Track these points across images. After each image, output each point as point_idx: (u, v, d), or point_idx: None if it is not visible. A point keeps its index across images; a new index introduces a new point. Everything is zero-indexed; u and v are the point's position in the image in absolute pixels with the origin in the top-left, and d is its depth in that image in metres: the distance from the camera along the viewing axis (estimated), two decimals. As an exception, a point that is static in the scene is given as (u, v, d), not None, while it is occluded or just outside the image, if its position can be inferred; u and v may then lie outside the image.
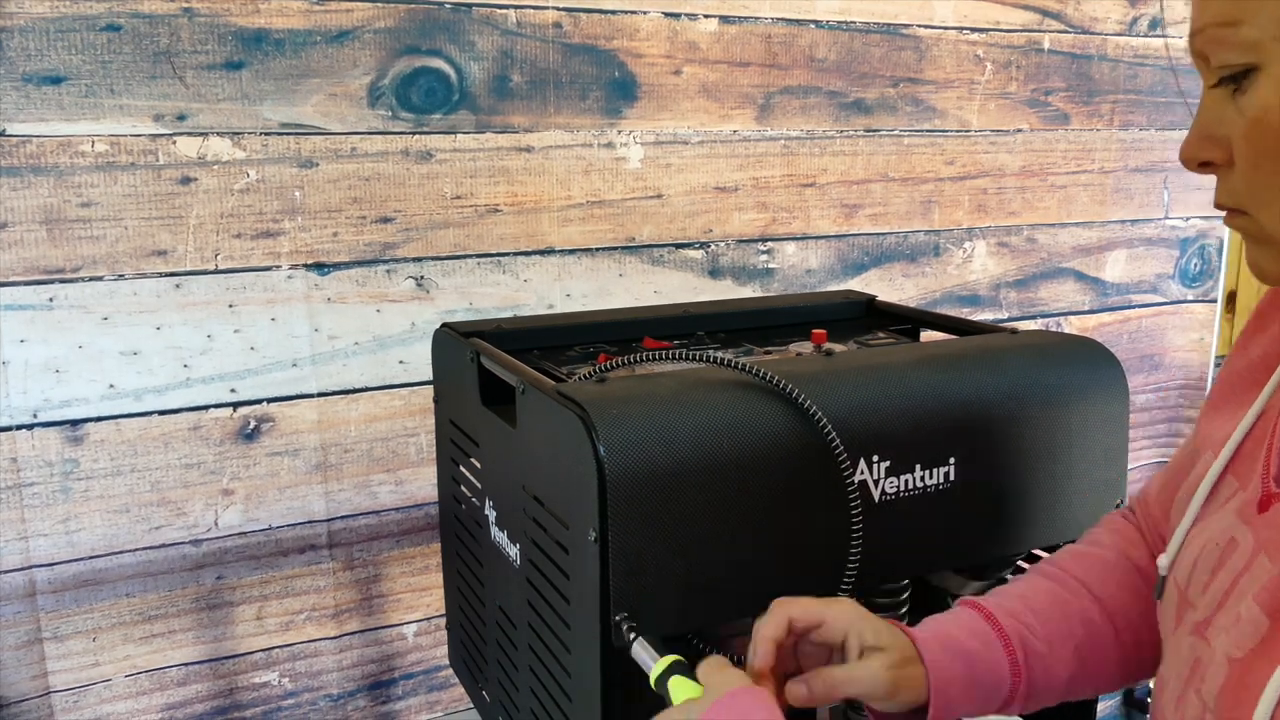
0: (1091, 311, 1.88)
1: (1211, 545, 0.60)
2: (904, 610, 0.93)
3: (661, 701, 0.65)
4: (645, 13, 1.39)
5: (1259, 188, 0.52)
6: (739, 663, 0.67)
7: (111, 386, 1.18)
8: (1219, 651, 0.55)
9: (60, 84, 1.11)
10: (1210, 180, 0.58)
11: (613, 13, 1.37)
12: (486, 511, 0.93)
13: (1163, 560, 0.64)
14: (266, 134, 1.20)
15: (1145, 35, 1.82)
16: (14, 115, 1.09)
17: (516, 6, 1.31)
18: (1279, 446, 0.59)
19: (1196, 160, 0.56)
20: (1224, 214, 0.57)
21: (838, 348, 0.98)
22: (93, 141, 1.13)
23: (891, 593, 0.92)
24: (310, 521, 1.30)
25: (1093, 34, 1.76)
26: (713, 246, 1.50)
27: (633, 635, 0.69)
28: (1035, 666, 0.70)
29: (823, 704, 0.67)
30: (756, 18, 1.47)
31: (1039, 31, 1.71)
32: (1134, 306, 1.93)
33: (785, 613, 0.67)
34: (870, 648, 0.67)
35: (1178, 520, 0.66)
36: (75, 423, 1.18)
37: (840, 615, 0.67)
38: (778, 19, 1.49)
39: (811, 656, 0.69)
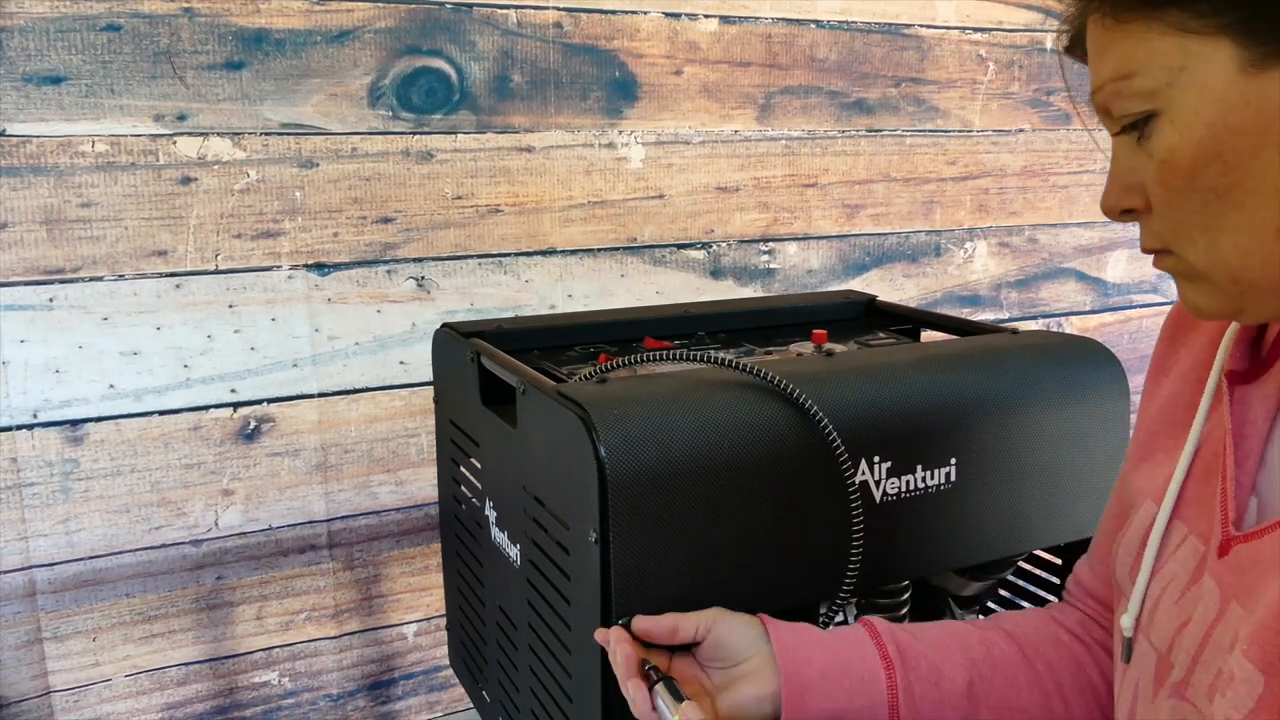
0: (1093, 312, 1.87)
1: (1172, 597, 0.59)
2: (904, 611, 0.93)
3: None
4: (645, 13, 1.39)
5: (1179, 225, 0.54)
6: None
7: (111, 387, 1.18)
8: (1219, 715, 0.53)
9: (60, 84, 1.11)
10: None
11: (613, 13, 1.37)
12: (487, 512, 0.93)
13: (1125, 620, 0.62)
14: (267, 134, 1.20)
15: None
16: (14, 115, 1.09)
17: (517, 6, 1.30)
18: (1231, 489, 0.58)
19: (1118, 209, 0.57)
20: (1152, 258, 0.58)
21: (838, 348, 0.98)
22: (93, 141, 1.13)
23: (892, 593, 0.91)
24: (310, 522, 1.30)
25: (1094, 34, 1.75)
26: (714, 247, 1.50)
27: (655, 677, 0.68)
28: (913, 661, 0.68)
29: None
30: (757, 18, 1.47)
31: (1042, 31, 1.71)
32: (1135, 307, 1.93)
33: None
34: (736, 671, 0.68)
35: (1129, 577, 0.64)
36: (75, 423, 1.18)
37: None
38: (778, 19, 1.48)
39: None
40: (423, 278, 1.31)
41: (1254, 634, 0.51)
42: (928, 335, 1.10)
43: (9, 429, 1.15)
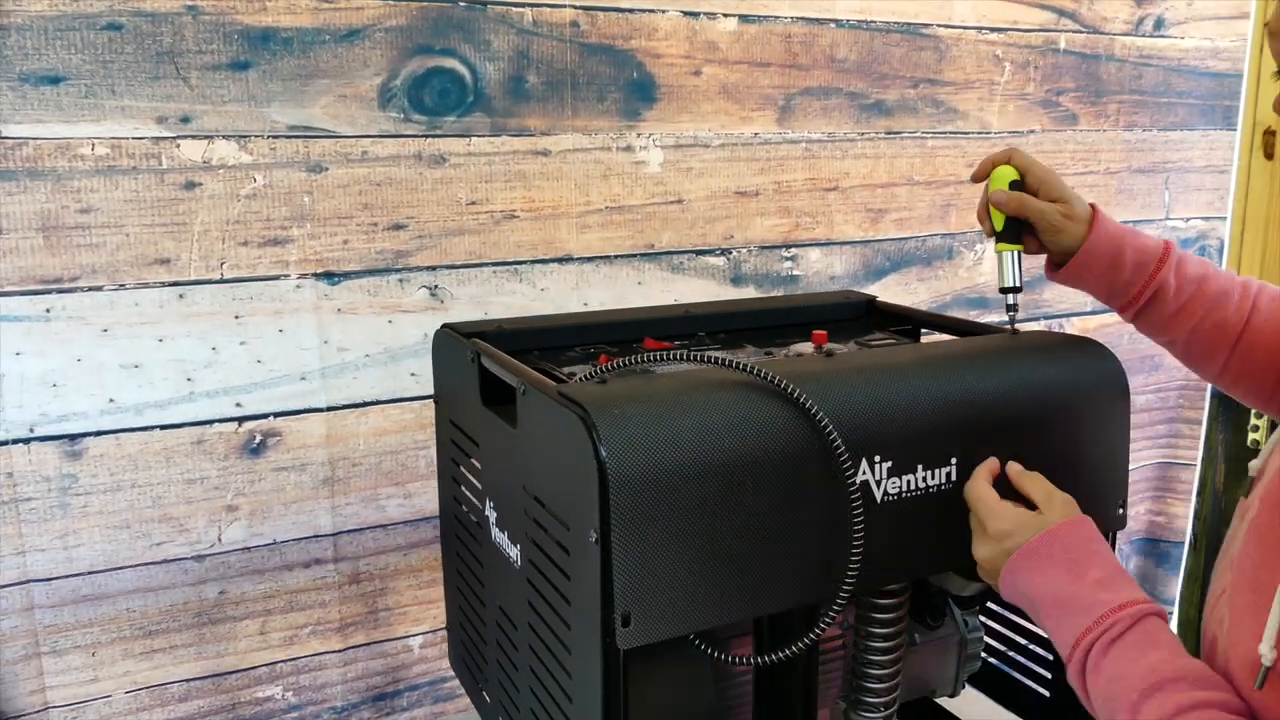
0: (1093, 313, 1.85)
1: None
2: (904, 611, 0.93)
3: (661, 700, 0.67)
4: (664, 11, 1.34)
5: None
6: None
7: (111, 401, 1.14)
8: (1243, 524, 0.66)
9: (59, 84, 1.05)
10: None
11: (631, 11, 1.32)
12: (487, 512, 0.93)
13: (1254, 464, 0.74)
14: (274, 137, 1.15)
15: (1150, 35, 1.78)
16: (10, 116, 1.04)
17: (533, 4, 1.25)
18: None
19: None
20: None
21: (838, 348, 0.98)
22: (93, 144, 1.08)
23: (892, 593, 0.91)
24: (316, 536, 1.27)
25: (1101, 34, 1.73)
26: (734, 253, 1.46)
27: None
28: (1188, 259, 0.91)
29: (1013, 212, 0.92)
30: (776, 16, 1.42)
31: (1055, 31, 1.68)
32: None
33: (1009, 151, 0.94)
34: (1053, 198, 0.92)
35: None
36: (74, 437, 1.13)
37: (1042, 171, 0.92)
38: (797, 18, 1.44)
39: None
40: (436, 286, 1.27)
41: None
42: (928, 335, 1.11)
43: (4, 443, 1.11)
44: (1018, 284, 0.94)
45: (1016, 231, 0.94)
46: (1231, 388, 0.95)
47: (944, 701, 1.12)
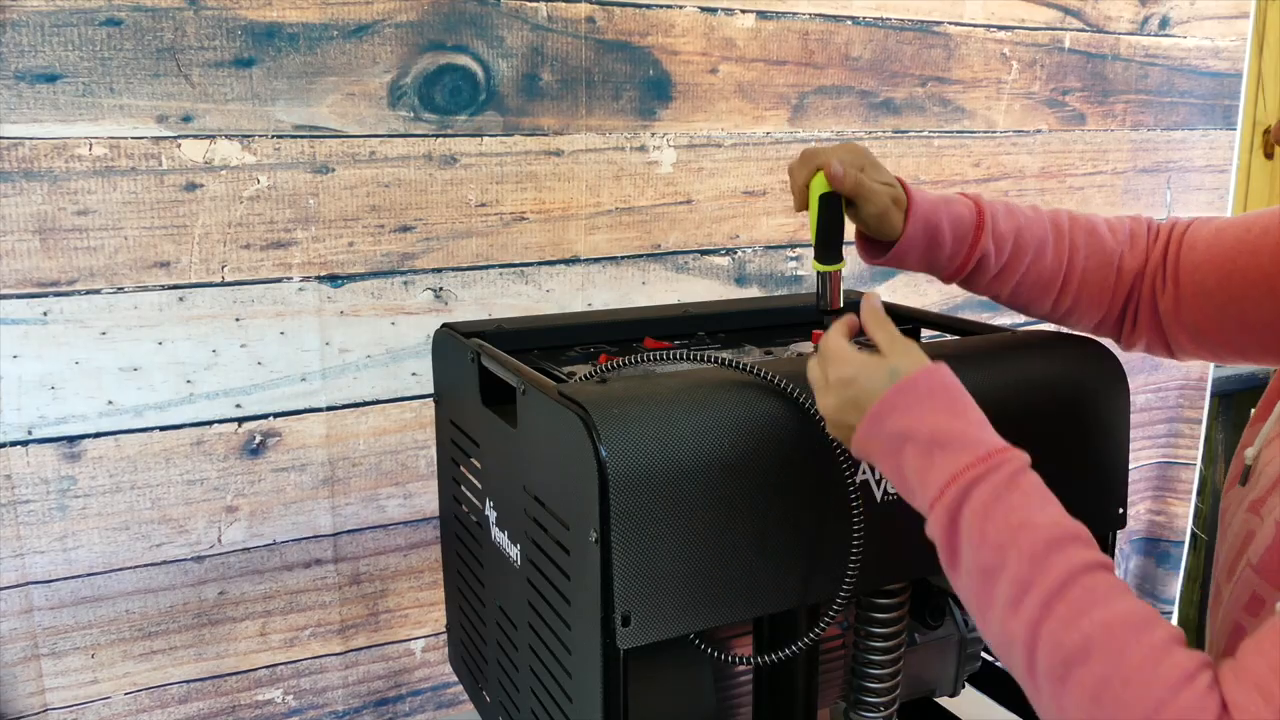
0: (1098, 312, 1.85)
1: None
2: (904, 611, 0.93)
3: (661, 699, 0.68)
4: (681, 7, 1.30)
5: None
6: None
7: (110, 403, 1.12)
8: (1268, 520, 0.62)
9: (56, 82, 1.01)
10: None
11: (647, 7, 1.28)
12: (487, 512, 0.92)
13: (1250, 452, 0.73)
14: (279, 137, 1.12)
15: (1155, 35, 1.76)
16: (5, 115, 1.00)
17: (547, 0, 1.21)
18: None
19: None
20: None
21: None
22: (90, 144, 1.04)
23: (892, 593, 0.92)
24: (316, 536, 1.26)
25: (1107, 33, 1.71)
26: (739, 253, 1.44)
27: None
28: (999, 217, 0.87)
29: (850, 190, 0.82)
30: (794, 13, 1.39)
31: (1061, 30, 1.65)
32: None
33: (811, 159, 0.82)
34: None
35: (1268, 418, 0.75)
36: (72, 439, 1.11)
37: (845, 154, 0.82)
38: (815, 14, 1.40)
39: None
40: (441, 289, 1.25)
41: None
42: (928, 335, 1.11)
43: (2, 445, 1.08)
44: (842, 305, 0.86)
45: (839, 247, 0.84)
46: (1061, 323, 0.93)
47: (944, 701, 1.13)
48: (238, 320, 1.15)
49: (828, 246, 0.83)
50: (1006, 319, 1.74)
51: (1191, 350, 0.88)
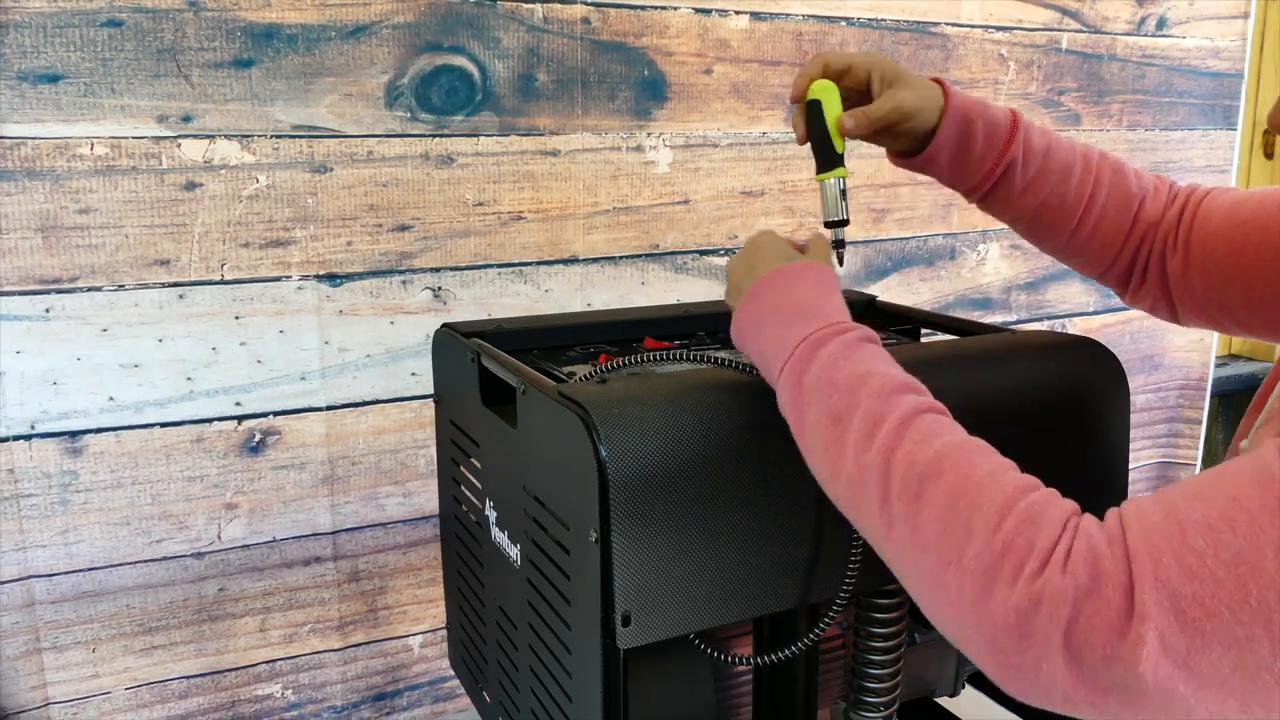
0: (1095, 313, 1.85)
1: (1270, 429, 0.67)
2: (904, 611, 0.93)
3: (661, 700, 0.68)
4: (676, 8, 1.31)
5: None
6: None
7: (111, 399, 1.13)
8: None
9: (58, 82, 1.03)
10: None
11: (642, 8, 1.29)
12: (487, 512, 0.92)
13: (1245, 444, 0.72)
14: (277, 136, 1.13)
15: (1152, 35, 1.76)
16: (8, 115, 1.02)
17: (543, 1, 1.22)
18: None
19: None
20: None
21: None
22: (92, 144, 1.06)
23: (892, 593, 0.91)
24: (315, 534, 1.27)
25: (1103, 33, 1.71)
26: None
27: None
28: (1033, 130, 0.85)
29: (866, 132, 0.82)
30: (788, 14, 1.39)
31: (1058, 30, 1.66)
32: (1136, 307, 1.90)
33: (821, 58, 0.82)
34: (889, 81, 0.81)
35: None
36: (74, 434, 1.12)
37: (864, 58, 0.82)
38: (809, 16, 1.41)
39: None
40: (439, 288, 1.26)
41: None
42: (928, 335, 1.11)
43: (5, 440, 1.10)
44: (846, 217, 0.84)
45: (841, 153, 0.83)
46: (1070, 262, 0.93)
47: (944, 701, 1.12)
48: (237, 318, 1.16)
49: (817, 154, 0.83)
50: (1000, 318, 1.74)
51: (1195, 316, 0.88)
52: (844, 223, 0.84)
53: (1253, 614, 0.46)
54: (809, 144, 0.83)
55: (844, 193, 0.83)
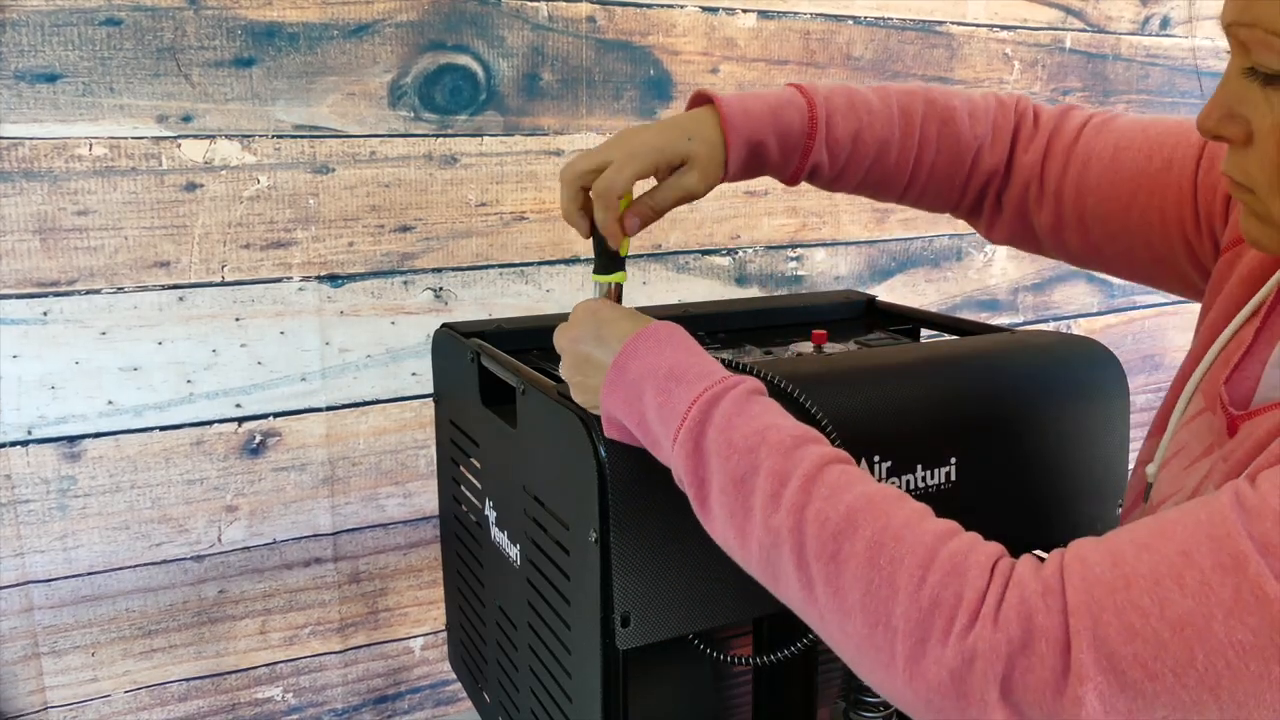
0: (1099, 314, 1.85)
1: (1181, 464, 0.66)
2: None
3: (661, 700, 0.68)
4: (682, 6, 1.30)
5: (1273, 180, 0.54)
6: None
7: (110, 403, 1.12)
8: None
9: (56, 82, 1.01)
10: None
11: (648, 6, 1.27)
12: (487, 512, 0.92)
13: (1151, 469, 0.69)
14: (279, 136, 1.11)
15: (1156, 35, 1.75)
16: (5, 115, 1.00)
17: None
18: (1235, 373, 0.63)
19: (1214, 133, 0.57)
20: (1231, 185, 0.58)
21: (838, 348, 0.97)
22: (90, 144, 1.04)
23: None
24: (316, 535, 1.26)
25: (1107, 33, 1.70)
26: (740, 253, 1.44)
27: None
28: (835, 119, 0.77)
29: (653, 219, 0.76)
30: (796, 13, 1.38)
31: (1062, 30, 1.65)
32: (1138, 307, 1.90)
33: (574, 184, 0.73)
34: (673, 164, 0.73)
35: (1156, 430, 0.71)
36: (72, 439, 1.11)
37: (619, 152, 0.72)
38: (816, 14, 1.40)
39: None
40: (440, 289, 1.24)
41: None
42: (927, 335, 1.11)
43: (2, 445, 1.08)
44: None
45: (623, 256, 0.78)
46: (916, 207, 0.89)
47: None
48: (238, 320, 1.15)
49: (596, 254, 0.78)
50: (1007, 319, 1.74)
51: (1061, 257, 0.85)
52: None
53: (1199, 679, 0.44)
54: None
55: (619, 299, 0.78)
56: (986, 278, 1.69)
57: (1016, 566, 0.50)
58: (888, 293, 1.57)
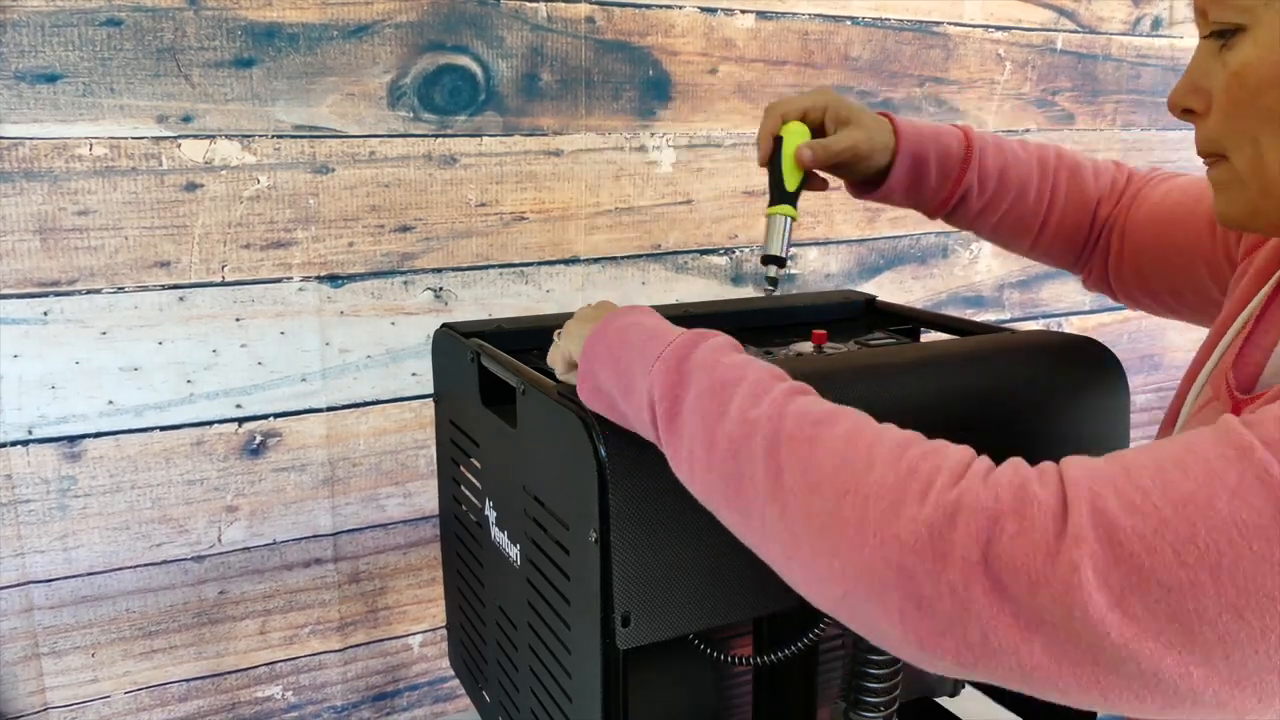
0: (1092, 312, 1.86)
1: None
2: None
3: (661, 700, 0.68)
4: (681, 7, 1.30)
5: (1232, 133, 0.58)
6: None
7: (110, 403, 1.12)
8: None
9: (56, 82, 1.01)
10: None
11: (647, 7, 1.28)
12: (487, 512, 0.92)
13: None
14: (279, 137, 1.12)
15: (1148, 35, 1.76)
16: (6, 116, 1.00)
17: (547, -1, 1.21)
18: (1240, 360, 0.65)
19: (1180, 106, 0.61)
20: (1206, 166, 0.62)
21: (838, 348, 0.97)
22: (91, 144, 1.04)
23: None
24: (316, 536, 1.26)
25: (1098, 33, 1.71)
26: (737, 253, 1.45)
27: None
28: (988, 151, 0.87)
29: (824, 164, 0.84)
30: (794, 13, 1.39)
31: (1055, 30, 1.66)
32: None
33: (776, 111, 0.84)
34: (844, 120, 0.84)
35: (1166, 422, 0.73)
36: (73, 439, 1.11)
37: (818, 98, 0.84)
38: (815, 15, 1.40)
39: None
40: (440, 289, 1.25)
41: None
42: (927, 335, 1.11)
43: (2, 445, 1.08)
44: (784, 254, 0.85)
45: (795, 192, 0.85)
46: (1036, 259, 0.97)
47: (944, 701, 1.13)
48: (238, 320, 1.15)
49: (771, 187, 0.85)
50: (993, 316, 1.74)
51: (1131, 300, 0.92)
52: (780, 261, 0.85)
53: (1199, 557, 0.42)
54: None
55: (787, 233, 0.85)
56: (972, 274, 1.70)
57: (1008, 461, 0.49)
58: (876, 290, 1.58)
